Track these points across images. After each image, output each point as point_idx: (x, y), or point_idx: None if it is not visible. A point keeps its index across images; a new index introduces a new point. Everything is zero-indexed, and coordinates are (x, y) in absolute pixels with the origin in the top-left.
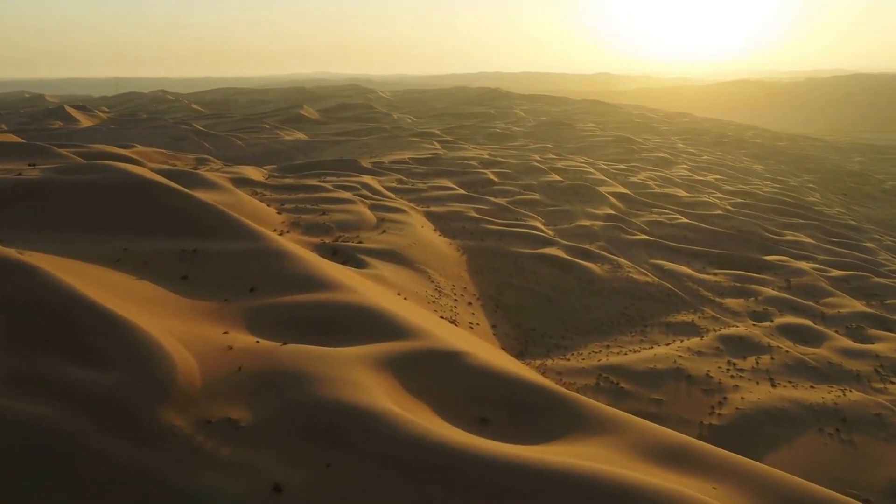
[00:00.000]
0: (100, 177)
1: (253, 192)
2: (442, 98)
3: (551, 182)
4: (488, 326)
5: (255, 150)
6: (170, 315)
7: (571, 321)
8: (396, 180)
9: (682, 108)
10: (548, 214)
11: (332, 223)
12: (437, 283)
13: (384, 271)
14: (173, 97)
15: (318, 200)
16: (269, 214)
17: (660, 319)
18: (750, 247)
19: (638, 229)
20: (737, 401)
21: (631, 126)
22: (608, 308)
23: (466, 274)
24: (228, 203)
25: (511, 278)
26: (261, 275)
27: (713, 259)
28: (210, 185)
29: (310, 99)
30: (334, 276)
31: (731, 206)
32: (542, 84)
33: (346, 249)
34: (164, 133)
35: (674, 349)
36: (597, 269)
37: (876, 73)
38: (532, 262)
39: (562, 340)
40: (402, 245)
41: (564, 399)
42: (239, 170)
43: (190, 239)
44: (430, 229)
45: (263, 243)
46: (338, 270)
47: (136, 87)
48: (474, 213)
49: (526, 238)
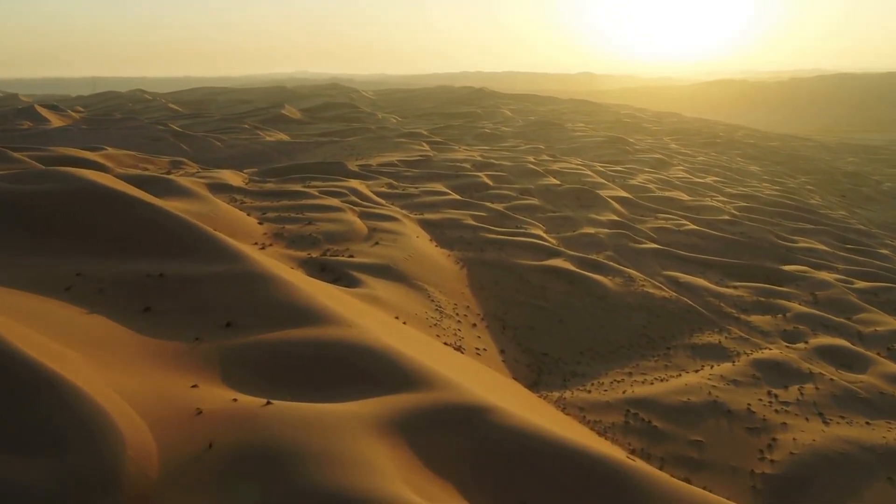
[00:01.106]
0: (53, 186)
1: (231, 200)
2: (426, 97)
3: (549, 186)
4: (496, 352)
5: (235, 151)
6: (125, 363)
7: (586, 343)
8: (386, 185)
9: (668, 107)
10: (549, 221)
11: (319, 234)
12: (438, 301)
13: (379, 290)
14: (151, 97)
15: (304, 208)
16: (250, 225)
17: (683, 340)
18: (764, 255)
19: (645, 237)
20: (788, 443)
21: (621, 126)
22: (625, 327)
23: (468, 290)
24: (204, 214)
25: (517, 294)
26: (239, 305)
27: (729, 270)
28: (183, 192)
29: (291, 98)
30: (327, 306)
31: (736, 211)
32: (525, 84)
33: (335, 265)
34: (140, 134)
35: (705, 377)
36: (608, 283)
37: (859, 72)
38: (538, 276)
39: (578, 367)
40: (398, 259)
41: (629, 476)
42: (216, 174)
43: (156, 260)
44: (425, 239)
45: (243, 265)
46: (329, 295)
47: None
48: (472, 221)
49: (529, 248)
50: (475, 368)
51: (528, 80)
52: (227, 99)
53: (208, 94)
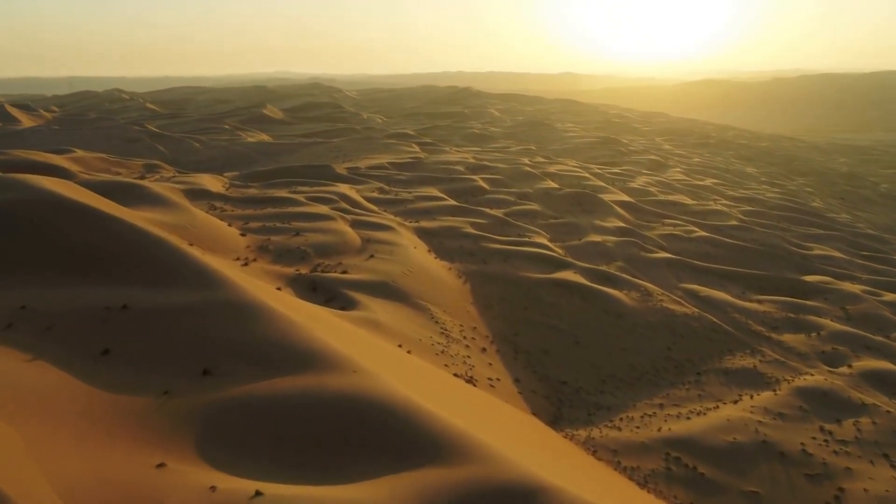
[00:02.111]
0: (1, 198)
1: (211, 208)
2: (410, 97)
3: (548, 190)
4: (510, 381)
5: (215, 153)
6: (71, 434)
7: (608, 369)
8: (377, 189)
9: (652, 107)
10: (552, 228)
11: (308, 247)
12: (442, 323)
13: (378, 312)
14: (128, 96)
15: (290, 217)
16: (231, 237)
17: (714, 364)
18: (782, 264)
19: (655, 245)
20: (859, 494)
21: (611, 126)
22: (648, 349)
23: (473, 308)
24: (179, 225)
25: (526, 312)
26: (220, 345)
27: (749, 281)
28: (157, 200)
29: (272, 98)
30: (327, 345)
31: (743, 215)
32: (507, 83)
33: (328, 283)
34: (115, 134)
35: (747, 410)
36: (624, 298)
37: (842, 72)
38: (547, 291)
39: (602, 397)
40: (396, 274)
41: None
42: (194, 179)
43: (120, 287)
44: (423, 250)
45: (225, 293)
46: (327, 325)
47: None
48: (471, 229)
49: (535, 259)
50: (493, 408)
51: (510, 80)
52: (206, 98)
53: (187, 93)
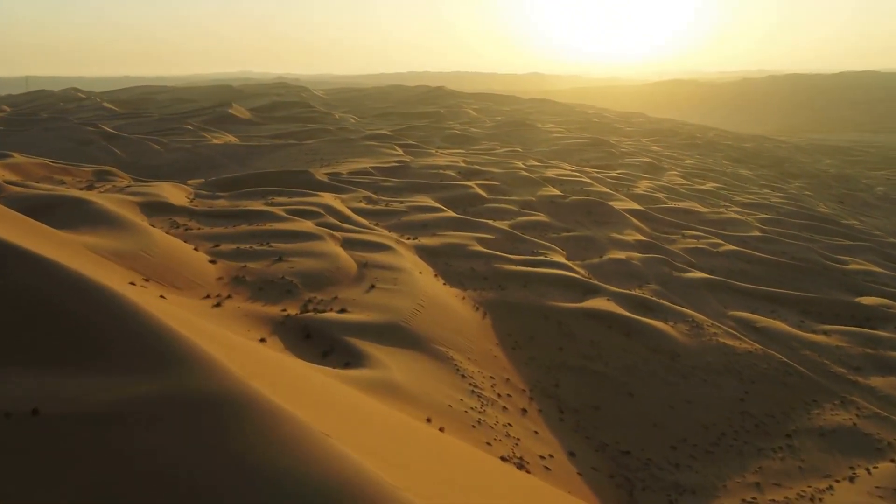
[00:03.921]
0: None
1: (173, 225)
2: (380, 97)
3: (552, 197)
4: (564, 456)
5: (177, 156)
6: None
7: (675, 430)
8: (364, 199)
9: (625, 107)
10: (567, 243)
11: (294, 276)
12: (470, 376)
13: (394, 369)
14: (85, 95)
15: (269, 235)
16: (198, 265)
17: (803, 422)
18: (825, 283)
19: (684, 262)
20: None
21: (593, 126)
22: (717, 401)
23: (499, 351)
24: (132, 253)
25: (563, 354)
26: (197, 478)
27: (802, 306)
28: (104, 218)
29: (238, 97)
30: (367, 481)
31: (761, 224)
32: (475, 84)
33: (324, 327)
34: (66, 136)
35: (872, 494)
36: (672, 333)
37: (812, 73)
38: (581, 324)
39: (679, 473)
40: (406, 312)
41: None
42: (153, 188)
43: (27, 371)
44: (430, 275)
45: (198, 379)
46: (342, 411)
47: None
48: (479, 246)
49: (557, 283)
50: None
51: (478, 81)
52: (167, 98)
53: (147, 92)
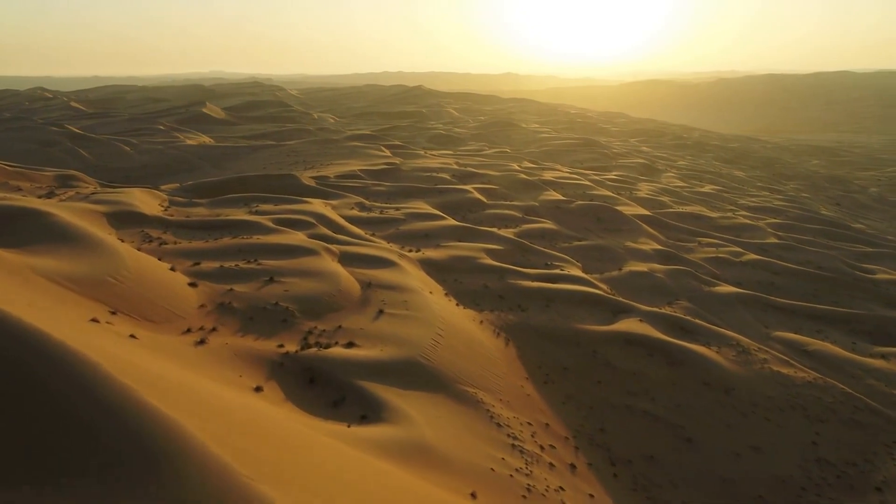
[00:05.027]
0: None
1: (144, 239)
2: (357, 96)
3: (557, 202)
4: None
5: (148, 158)
6: None
7: (748, 487)
8: (356, 205)
9: (604, 107)
10: (580, 254)
11: (289, 301)
12: (507, 424)
13: (421, 423)
14: (51, 94)
15: (256, 250)
16: (176, 287)
17: (891, 471)
18: (861, 295)
19: (709, 273)
20: None
21: (579, 126)
22: (787, 446)
23: (530, 385)
24: (97, 278)
25: (602, 390)
26: None
27: (850, 325)
28: (64, 234)
29: (211, 97)
30: None
31: (774, 230)
32: (450, 83)
33: (331, 368)
34: (29, 137)
35: None
36: (719, 360)
37: (789, 73)
38: (618, 352)
39: None
40: (424, 344)
41: None
42: (122, 195)
43: None
44: (440, 295)
45: (189, 492)
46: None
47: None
48: (487, 259)
49: (581, 302)
50: None
51: (453, 81)
52: (138, 97)
53: (117, 92)
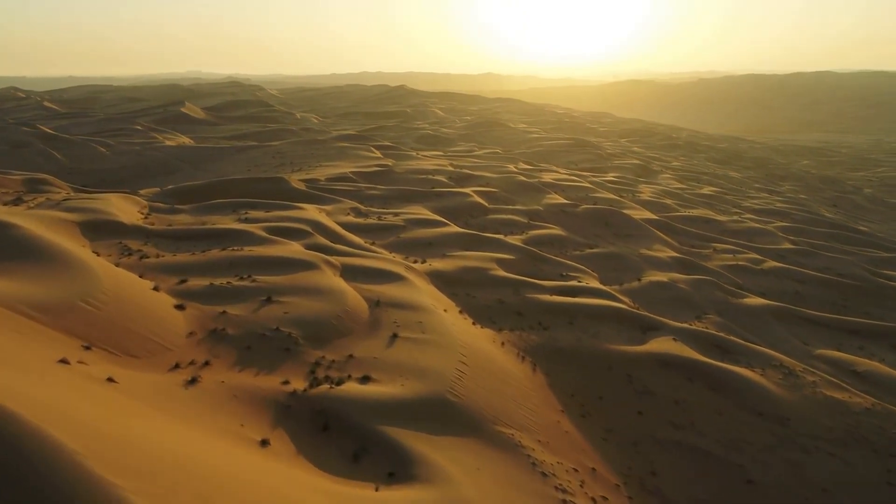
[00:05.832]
0: None
1: (123, 252)
2: (339, 96)
3: (561, 206)
4: None
5: (125, 160)
6: None
7: None
8: (351, 211)
9: (587, 107)
10: (594, 262)
11: (291, 325)
12: (552, 472)
13: (460, 480)
14: (24, 94)
15: (249, 264)
16: (160, 311)
17: None
18: (890, 304)
19: (732, 283)
20: None
21: (567, 126)
22: (860, 488)
23: (567, 420)
24: (68, 303)
25: (645, 422)
26: None
27: (892, 339)
28: (31, 251)
29: (189, 97)
30: None
31: (786, 234)
32: (430, 84)
33: (347, 411)
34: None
35: None
36: (766, 385)
37: (768, 73)
38: (655, 376)
39: None
40: (448, 375)
41: None
42: (98, 202)
43: None
44: (455, 313)
45: None
46: None
47: None
48: (499, 269)
49: (607, 318)
50: None
51: (432, 81)
52: (115, 97)
53: (92, 91)
